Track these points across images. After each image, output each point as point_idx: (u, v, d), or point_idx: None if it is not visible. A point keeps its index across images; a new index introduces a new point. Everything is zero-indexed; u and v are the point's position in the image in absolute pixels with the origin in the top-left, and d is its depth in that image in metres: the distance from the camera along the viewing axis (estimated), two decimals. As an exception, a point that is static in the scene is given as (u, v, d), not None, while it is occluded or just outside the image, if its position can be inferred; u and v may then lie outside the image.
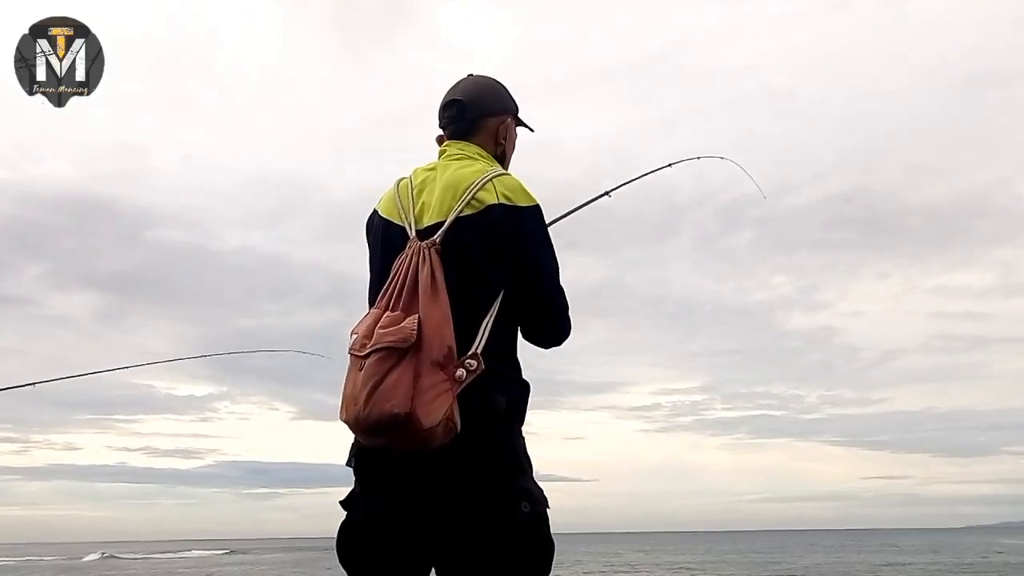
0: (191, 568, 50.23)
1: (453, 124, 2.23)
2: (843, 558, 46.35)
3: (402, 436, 1.76)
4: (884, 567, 37.44)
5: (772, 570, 33.96)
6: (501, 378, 1.95)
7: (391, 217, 2.12)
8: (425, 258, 1.92)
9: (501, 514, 1.89)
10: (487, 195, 2.00)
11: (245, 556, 71.74)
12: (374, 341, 1.82)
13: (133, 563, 58.85)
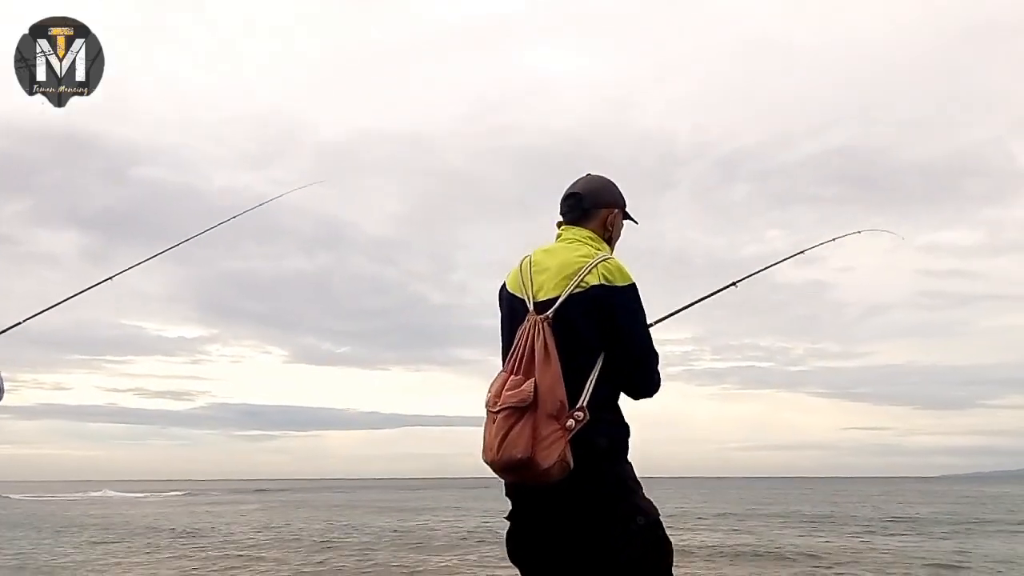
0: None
1: (571, 212, 2.79)
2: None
3: (527, 475, 2.34)
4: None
5: (769, 511, 34.84)
6: (603, 423, 2.46)
7: (515, 291, 2.68)
8: (540, 330, 2.44)
9: (621, 529, 2.45)
10: (592, 277, 2.51)
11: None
12: (502, 401, 2.38)
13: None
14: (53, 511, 44.89)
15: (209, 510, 45.91)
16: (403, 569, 16.66)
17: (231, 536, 25.79)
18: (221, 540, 24.61)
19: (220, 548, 22.08)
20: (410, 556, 19.43)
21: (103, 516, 39.08)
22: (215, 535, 26.62)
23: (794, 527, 26.58)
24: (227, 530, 29.18)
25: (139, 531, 28.46)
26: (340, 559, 18.44)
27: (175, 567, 16.88)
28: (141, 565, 17.24)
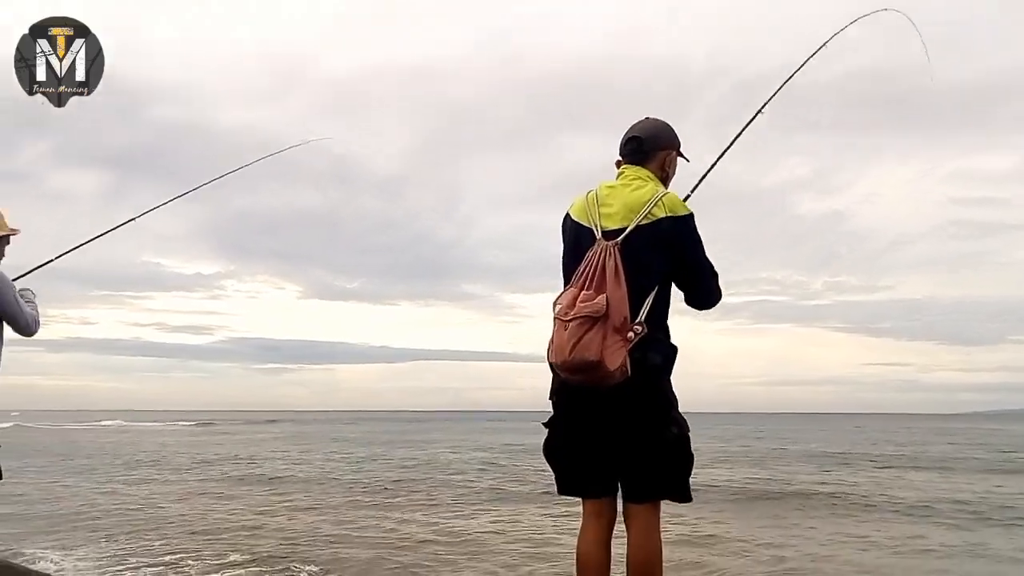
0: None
1: (632, 154, 3.15)
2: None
3: (593, 375, 2.69)
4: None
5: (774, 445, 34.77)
6: (657, 342, 2.84)
7: (581, 220, 3.04)
8: (611, 253, 2.81)
9: (656, 435, 2.86)
10: (658, 210, 2.89)
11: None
12: (576, 311, 2.72)
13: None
14: (76, 439, 46.10)
15: (241, 439, 47.12)
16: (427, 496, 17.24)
17: (286, 467, 26.59)
18: (269, 471, 25.33)
19: (271, 482, 22.67)
20: (436, 478, 20.07)
21: (132, 444, 40.18)
22: (262, 466, 27.40)
23: (813, 464, 26.27)
24: (276, 461, 29.87)
25: (178, 461, 29.39)
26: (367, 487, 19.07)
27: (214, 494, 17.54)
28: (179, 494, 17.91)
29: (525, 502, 16.25)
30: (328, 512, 15.24)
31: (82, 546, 11.29)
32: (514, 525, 13.53)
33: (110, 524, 13.56)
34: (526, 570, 9.78)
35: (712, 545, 10.90)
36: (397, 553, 11.09)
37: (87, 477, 22.19)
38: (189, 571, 9.54)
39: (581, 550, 2.98)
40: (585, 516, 3.03)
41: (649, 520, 2.90)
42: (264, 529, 13.22)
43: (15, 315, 4.34)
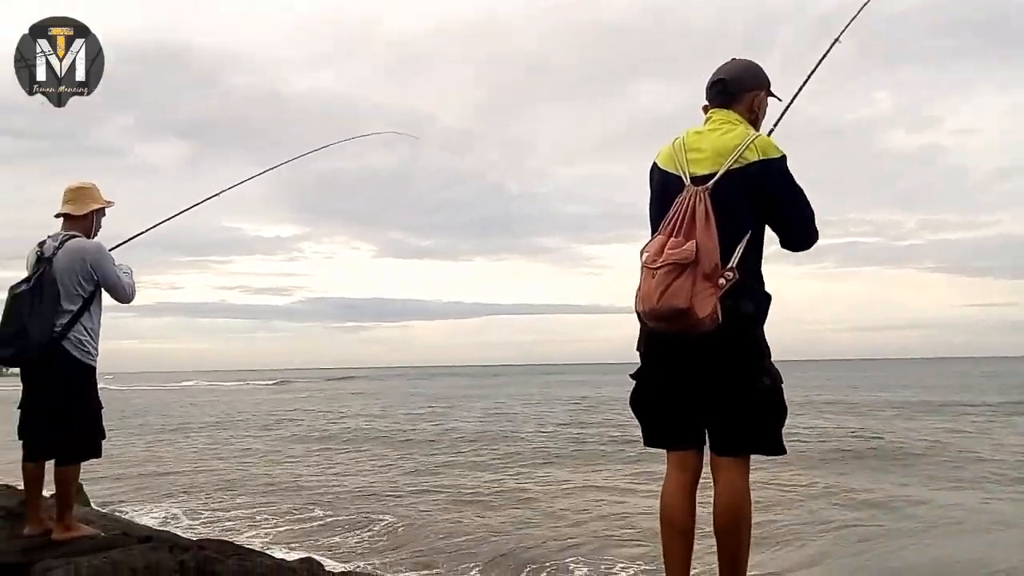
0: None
1: (718, 97, 3.02)
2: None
3: (682, 322, 2.61)
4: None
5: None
6: (749, 289, 2.75)
7: (668, 168, 2.93)
8: (701, 199, 2.72)
9: (749, 385, 2.78)
10: (750, 154, 2.78)
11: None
12: (664, 258, 2.64)
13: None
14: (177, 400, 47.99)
15: (321, 396, 48.47)
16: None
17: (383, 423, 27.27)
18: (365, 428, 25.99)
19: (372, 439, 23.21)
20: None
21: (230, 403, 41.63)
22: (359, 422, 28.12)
23: (911, 415, 25.10)
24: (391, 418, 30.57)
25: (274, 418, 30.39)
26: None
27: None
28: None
29: (607, 457, 16.26)
30: (406, 467, 15.57)
31: (172, 501, 11.80)
32: (598, 480, 13.58)
33: (200, 481, 14.13)
34: (615, 526, 9.81)
35: (802, 503, 10.70)
36: (475, 508, 11.26)
37: (170, 436, 23.15)
38: (271, 525, 9.88)
39: (665, 503, 2.92)
40: (669, 468, 2.95)
41: (738, 474, 2.82)
42: (344, 484, 13.58)
43: (114, 284, 4.57)
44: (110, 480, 13.24)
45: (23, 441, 4.44)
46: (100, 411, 4.48)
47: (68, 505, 4.39)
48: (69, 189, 4.59)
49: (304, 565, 4.25)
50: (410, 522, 10.10)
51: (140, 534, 4.80)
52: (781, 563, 7.74)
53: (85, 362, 4.35)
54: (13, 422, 4.56)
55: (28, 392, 4.43)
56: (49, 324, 4.23)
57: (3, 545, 4.31)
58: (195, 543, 4.32)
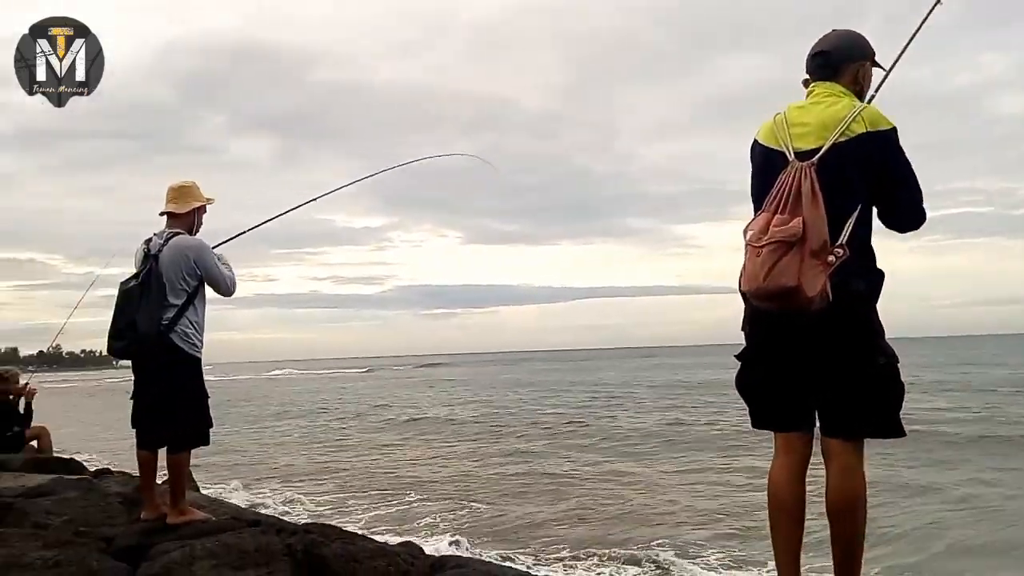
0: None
1: (821, 70, 2.92)
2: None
3: (791, 302, 2.54)
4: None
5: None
6: (860, 267, 2.66)
7: (770, 144, 2.85)
8: (807, 175, 2.62)
9: (863, 365, 2.68)
10: (857, 126, 2.69)
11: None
12: (769, 236, 2.57)
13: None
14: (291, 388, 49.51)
15: (412, 382, 49.30)
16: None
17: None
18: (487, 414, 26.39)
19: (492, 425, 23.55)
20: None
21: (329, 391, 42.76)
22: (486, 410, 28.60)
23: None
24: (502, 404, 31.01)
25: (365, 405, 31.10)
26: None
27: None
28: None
29: (702, 443, 16.03)
30: (499, 452, 15.70)
31: (275, 486, 12.21)
32: (690, 465, 13.43)
33: (299, 467, 14.58)
34: (708, 512, 9.69)
35: (924, 493, 10.31)
36: (567, 493, 11.28)
37: (270, 424, 23.94)
38: (368, 509, 10.11)
39: (773, 485, 2.84)
40: (777, 450, 2.87)
41: (851, 458, 2.71)
42: (438, 469, 13.80)
43: (216, 278, 4.70)
44: (217, 466, 13.78)
45: (136, 430, 4.64)
46: (206, 400, 4.64)
47: (181, 491, 4.57)
48: (172, 188, 4.75)
49: (405, 548, 4.33)
50: (503, 506, 10.19)
51: (248, 518, 4.98)
52: (907, 553, 7.50)
53: (191, 353, 4.51)
54: (127, 412, 4.77)
55: (139, 383, 4.62)
56: (157, 318, 4.40)
57: (122, 529, 4.53)
58: (301, 527, 4.44)
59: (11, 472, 6.63)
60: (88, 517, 4.94)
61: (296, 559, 3.79)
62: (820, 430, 2.79)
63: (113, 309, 4.56)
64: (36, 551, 3.52)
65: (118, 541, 4.12)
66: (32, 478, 6.05)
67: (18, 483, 5.78)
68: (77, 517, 4.90)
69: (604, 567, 7.24)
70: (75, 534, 4.29)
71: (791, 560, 2.78)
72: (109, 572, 3.51)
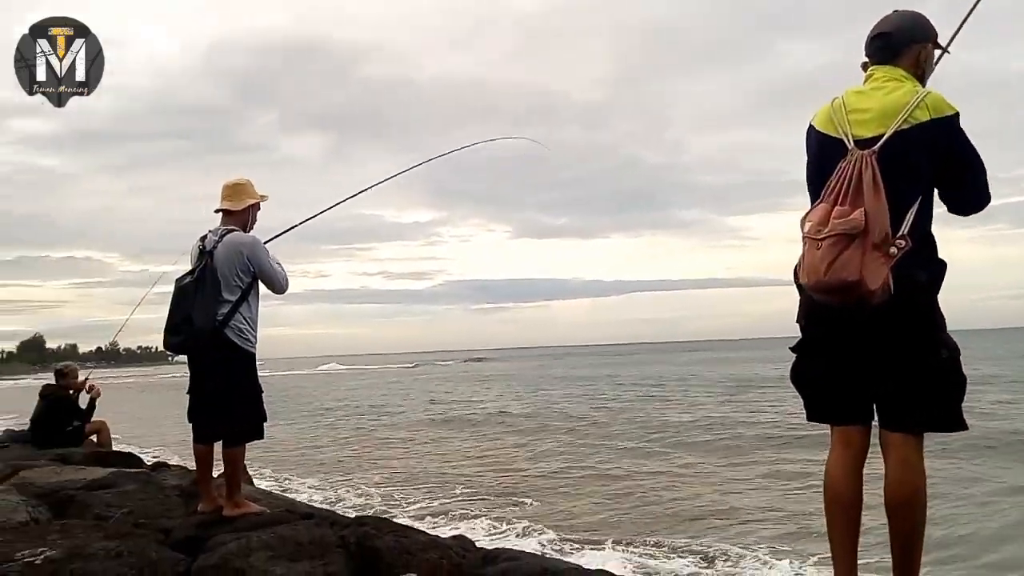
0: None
1: (880, 53, 2.83)
2: None
3: (852, 295, 2.50)
4: None
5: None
6: (922, 257, 2.59)
7: (827, 131, 2.77)
8: (868, 164, 2.55)
9: (925, 358, 2.62)
10: (921, 112, 2.60)
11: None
12: (829, 228, 2.52)
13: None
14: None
15: (462, 377, 49.50)
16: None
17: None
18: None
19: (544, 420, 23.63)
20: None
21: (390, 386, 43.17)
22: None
23: None
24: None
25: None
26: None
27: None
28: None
29: (757, 441, 15.80)
30: (549, 448, 15.68)
31: (327, 479, 12.36)
32: (740, 461, 13.28)
33: (349, 461, 14.75)
34: (762, 506, 9.58)
35: (985, 487, 9.99)
36: (617, 488, 11.23)
37: (321, 419, 24.25)
38: (419, 502, 10.18)
39: (830, 479, 2.78)
40: (834, 444, 2.81)
41: (911, 452, 2.65)
42: (487, 464, 13.84)
43: (269, 275, 4.76)
44: (271, 460, 14.00)
45: (192, 424, 4.72)
46: (261, 395, 4.71)
47: (236, 484, 4.65)
48: (226, 186, 4.82)
49: (457, 542, 4.34)
50: (553, 500, 10.18)
51: (302, 511, 5.04)
52: (968, 552, 7.31)
53: (246, 349, 4.58)
54: (181, 406, 4.86)
55: (194, 378, 4.70)
56: (212, 314, 4.47)
57: (180, 521, 4.62)
58: (354, 520, 4.49)
59: (73, 465, 6.81)
60: (147, 509, 5.06)
61: (350, 551, 3.83)
62: (879, 423, 2.73)
63: (169, 305, 4.65)
64: (99, 542, 3.61)
65: (176, 533, 4.21)
66: (93, 471, 6.20)
67: (80, 476, 5.93)
68: (137, 509, 5.02)
69: (653, 559, 7.20)
70: (135, 525, 4.39)
71: (848, 555, 2.73)
72: (168, 563, 3.57)
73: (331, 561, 3.69)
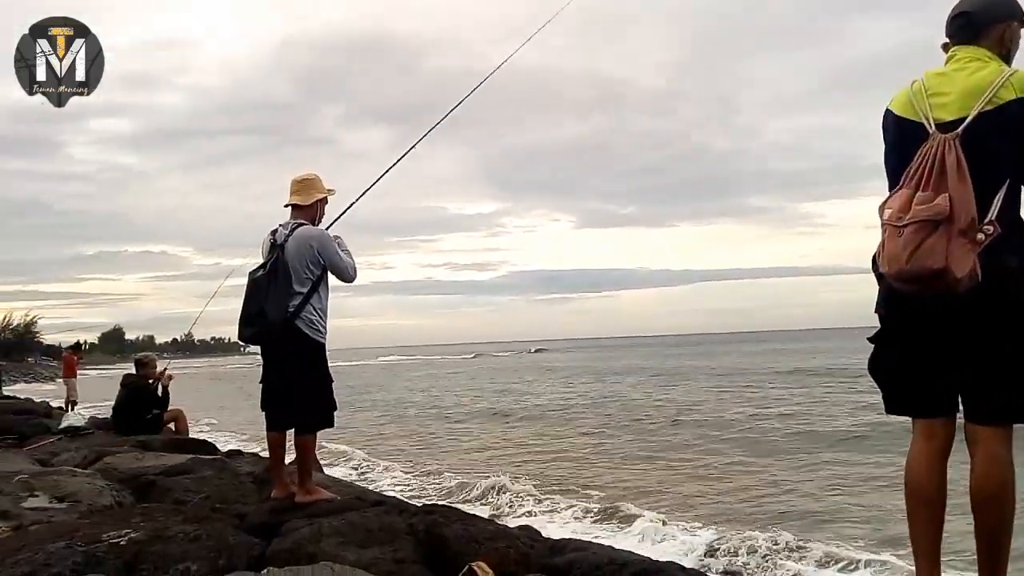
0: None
1: (962, 32, 2.73)
2: None
3: (938, 284, 2.42)
4: None
5: None
6: (1012, 243, 2.51)
7: (906, 115, 2.68)
8: (951, 147, 2.47)
9: (1013, 348, 2.53)
10: (1006, 92, 2.52)
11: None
12: (911, 215, 2.45)
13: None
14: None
15: (532, 367, 49.66)
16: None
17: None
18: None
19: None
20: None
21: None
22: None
23: None
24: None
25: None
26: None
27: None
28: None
29: (841, 431, 15.45)
30: (619, 440, 15.63)
31: (393, 467, 12.53)
32: (812, 456, 13.03)
33: (413, 450, 14.92)
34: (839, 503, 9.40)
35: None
36: (688, 480, 11.13)
37: (387, 407, 24.58)
38: (484, 493, 10.24)
39: (911, 473, 2.70)
40: (915, 437, 2.73)
41: (999, 445, 2.55)
42: (553, 455, 13.85)
43: (339, 267, 4.85)
44: (341, 448, 14.26)
45: (265, 413, 4.84)
46: (331, 384, 4.80)
47: (308, 471, 4.75)
48: (295, 181, 4.92)
49: (524, 532, 4.37)
50: (620, 492, 10.14)
51: (371, 498, 5.13)
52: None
53: (316, 339, 4.67)
54: (252, 395, 4.98)
55: (267, 368, 4.82)
56: (284, 306, 4.58)
57: (254, 507, 4.75)
58: (422, 508, 4.55)
59: (152, 452, 7.06)
60: (223, 494, 5.22)
61: (418, 538, 3.89)
62: (964, 415, 2.63)
63: (243, 298, 4.77)
64: (178, 525, 3.73)
65: (251, 518, 4.33)
66: (172, 457, 6.42)
67: (159, 462, 6.15)
68: (213, 494, 5.18)
69: (722, 553, 7.12)
70: (212, 510, 4.54)
71: (930, 551, 2.65)
72: (244, 547, 3.67)
73: (400, 547, 3.75)
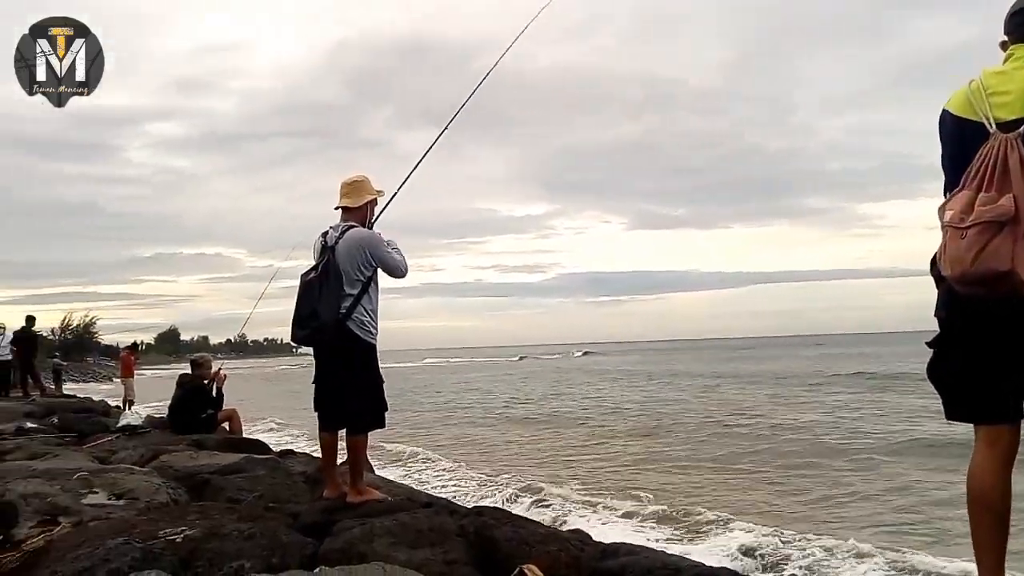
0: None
1: (1020, 30, 2.67)
2: None
3: (1004, 286, 2.38)
4: None
5: None
6: None
7: (964, 115, 2.63)
8: (1013, 147, 2.43)
9: None
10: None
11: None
12: (975, 216, 2.41)
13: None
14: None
15: (584, 370, 49.54)
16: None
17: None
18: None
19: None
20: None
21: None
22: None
23: None
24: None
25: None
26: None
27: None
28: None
29: (899, 438, 15.10)
30: (668, 442, 15.49)
31: (442, 468, 12.60)
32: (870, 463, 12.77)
33: (463, 451, 14.96)
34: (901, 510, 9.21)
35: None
36: (737, 485, 10.98)
37: (438, 409, 24.70)
38: (528, 493, 10.24)
39: (974, 481, 2.64)
40: (979, 443, 2.67)
41: None
42: (603, 457, 13.79)
43: (390, 266, 4.89)
44: (393, 448, 14.37)
45: (318, 413, 4.90)
46: (382, 385, 4.83)
47: (359, 471, 4.79)
48: (345, 183, 4.96)
49: (575, 535, 4.35)
50: (673, 497, 10.05)
51: (422, 500, 5.15)
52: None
53: (367, 340, 4.71)
54: (304, 395, 5.03)
55: (320, 369, 4.87)
56: (335, 307, 4.62)
57: (306, 506, 4.80)
58: (472, 509, 4.55)
59: (207, 451, 7.18)
60: (276, 493, 5.29)
61: (468, 540, 3.88)
62: None
63: (296, 300, 4.83)
64: (232, 523, 3.78)
65: (303, 517, 4.37)
66: (226, 456, 6.52)
67: (214, 461, 6.25)
68: (267, 493, 5.25)
69: (775, 558, 7.01)
70: (265, 509, 4.59)
71: (994, 561, 2.57)
72: (297, 546, 3.71)
73: (450, 549, 3.75)
